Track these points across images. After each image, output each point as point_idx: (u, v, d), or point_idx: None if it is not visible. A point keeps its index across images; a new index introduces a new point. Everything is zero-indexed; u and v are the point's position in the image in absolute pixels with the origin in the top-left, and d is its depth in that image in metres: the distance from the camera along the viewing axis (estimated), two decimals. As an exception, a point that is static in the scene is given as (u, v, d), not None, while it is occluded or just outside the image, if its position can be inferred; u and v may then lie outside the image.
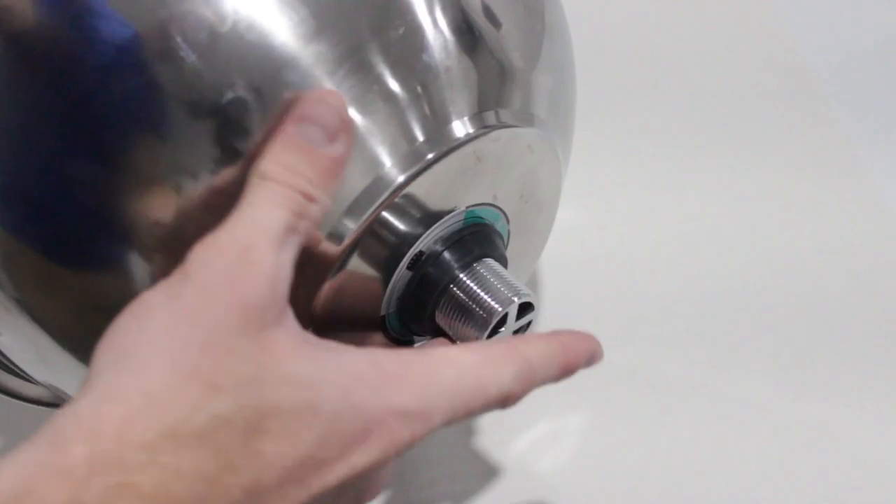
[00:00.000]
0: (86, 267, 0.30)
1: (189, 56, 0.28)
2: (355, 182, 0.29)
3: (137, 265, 0.30)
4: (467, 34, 0.31)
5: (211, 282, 0.24)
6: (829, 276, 0.50)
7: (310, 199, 0.26)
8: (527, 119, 0.33)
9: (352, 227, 0.30)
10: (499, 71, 0.32)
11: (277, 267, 0.25)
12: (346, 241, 0.30)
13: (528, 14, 0.34)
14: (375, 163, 0.30)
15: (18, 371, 0.36)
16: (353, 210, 0.29)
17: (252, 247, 0.25)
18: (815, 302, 0.49)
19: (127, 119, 0.28)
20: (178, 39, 0.27)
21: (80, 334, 0.31)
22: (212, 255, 0.25)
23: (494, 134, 0.31)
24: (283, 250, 0.25)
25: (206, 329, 0.24)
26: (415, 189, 0.30)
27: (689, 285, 0.50)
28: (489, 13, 0.32)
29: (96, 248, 0.30)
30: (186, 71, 0.28)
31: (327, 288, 0.30)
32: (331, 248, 0.30)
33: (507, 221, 0.35)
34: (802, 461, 0.44)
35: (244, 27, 0.28)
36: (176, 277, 0.25)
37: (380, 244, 0.31)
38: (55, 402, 0.40)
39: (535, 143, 0.34)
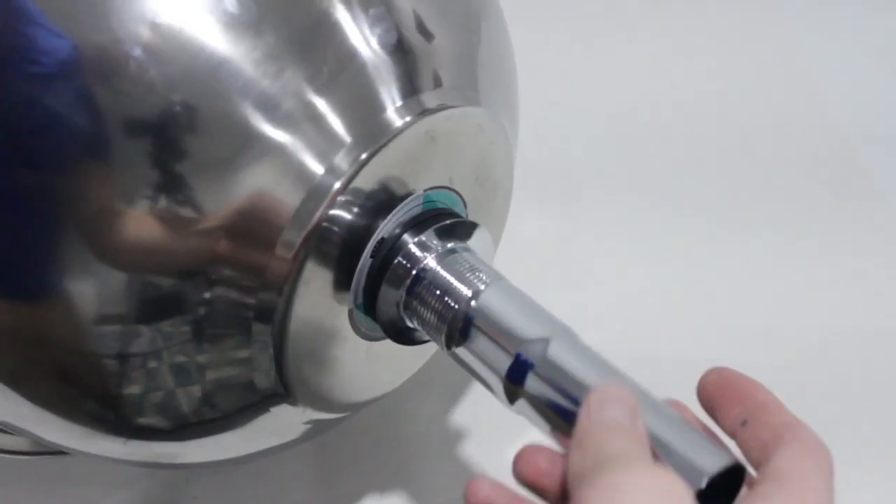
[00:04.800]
0: (21, 296, 0.29)
1: (125, 72, 0.27)
2: (302, 180, 0.29)
3: (76, 293, 0.29)
4: (398, 44, 0.31)
5: None
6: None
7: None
8: (470, 98, 0.33)
9: (307, 222, 0.29)
10: (436, 56, 0.32)
11: None
12: (302, 236, 0.29)
13: (465, 6, 0.34)
14: (315, 162, 0.29)
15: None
16: (306, 206, 0.29)
17: None
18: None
19: (61, 136, 0.27)
20: (115, 56, 0.27)
21: (18, 366, 0.31)
22: None
23: (445, 113, 0.31)
24: None
25: None
26: (364, 181, 0.30)
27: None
28: (421, 25, 0.32)
29: (31, 276, 0.29)
30: (122, 87, 0.27)
31: (290, 278, 0.30)
32: (285, 255, 0.29)
33: (465, 206, 0.35)
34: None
35: (177, 44, 0.28)
36: None
37: (339, 238, 0.31)
38: (33, 450, 0.39)
39: (484, 123, 0.34)
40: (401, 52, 0.31)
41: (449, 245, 0.33)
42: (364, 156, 0.30)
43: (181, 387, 0.31)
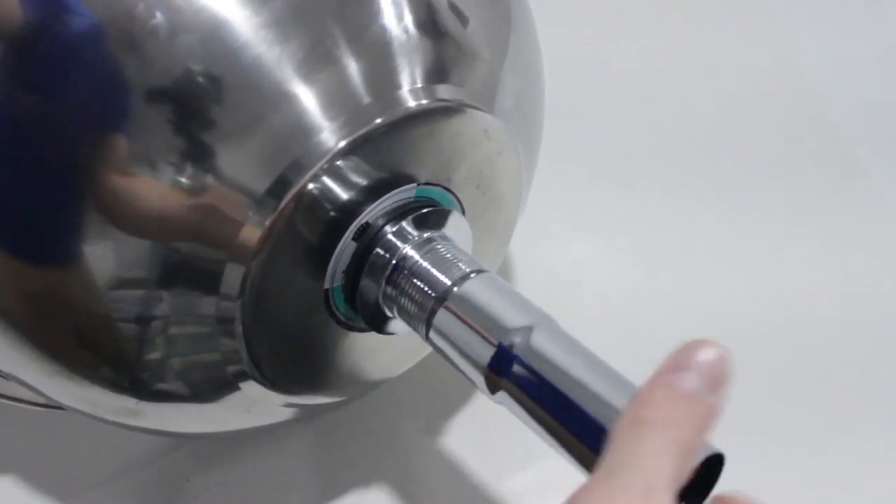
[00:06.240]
0: (46, 261, 0.30)
1: (148, 45, 0.28)
2: (297, 142, 0.29)
3: (100, 258, 0.30)
4: (429, 16, 0.32)
5: None
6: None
7: (689, 450, 0.25)
8: (486, 104, 0.33)
9: (292, 185, 0.29)
10: (459, 51, 0.32)
11: None
12: (287, 199, 0.29)
13: (493, 12, 0.35)
14: (318, 124, 0.30)
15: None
16: (294, 169, 0.29)
17: (653, 489, 0.24)
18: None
19: (91, 110, 0.28)
20: (137, 29, 0.28)
21: (40, 326, 0.32)
22: (614, 498, 0.24)
23: (449, 109, 0.32)
24: (672, 496, 0.24)
25: None
26: (360, 154, 0.30)
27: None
28: (455, 8, 0.33)
29: (56, 241, 0.30)
30: (146, 60, 0.28)
31: (267, 244, 0.30)
32: (270, 204, 0.29)
33: (463, 211, 0.35)
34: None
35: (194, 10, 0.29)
36: None
37: (323, 209, 0.30)
38: (45, 403, 0.39)
39: (492, 131, 0.33)
40: (429, 35, 0.32)
41: (428, 234, 0.33)
42: (366, 128, 0.30)
43: (151, 353, 0.32)
